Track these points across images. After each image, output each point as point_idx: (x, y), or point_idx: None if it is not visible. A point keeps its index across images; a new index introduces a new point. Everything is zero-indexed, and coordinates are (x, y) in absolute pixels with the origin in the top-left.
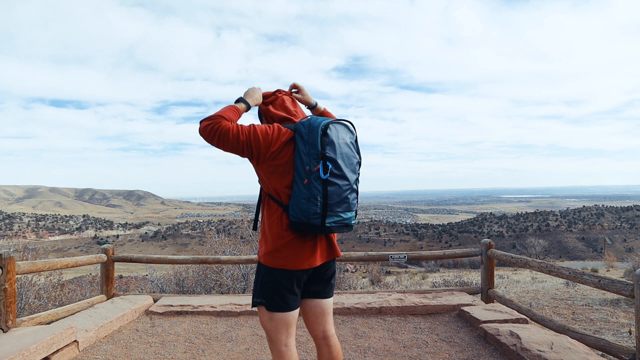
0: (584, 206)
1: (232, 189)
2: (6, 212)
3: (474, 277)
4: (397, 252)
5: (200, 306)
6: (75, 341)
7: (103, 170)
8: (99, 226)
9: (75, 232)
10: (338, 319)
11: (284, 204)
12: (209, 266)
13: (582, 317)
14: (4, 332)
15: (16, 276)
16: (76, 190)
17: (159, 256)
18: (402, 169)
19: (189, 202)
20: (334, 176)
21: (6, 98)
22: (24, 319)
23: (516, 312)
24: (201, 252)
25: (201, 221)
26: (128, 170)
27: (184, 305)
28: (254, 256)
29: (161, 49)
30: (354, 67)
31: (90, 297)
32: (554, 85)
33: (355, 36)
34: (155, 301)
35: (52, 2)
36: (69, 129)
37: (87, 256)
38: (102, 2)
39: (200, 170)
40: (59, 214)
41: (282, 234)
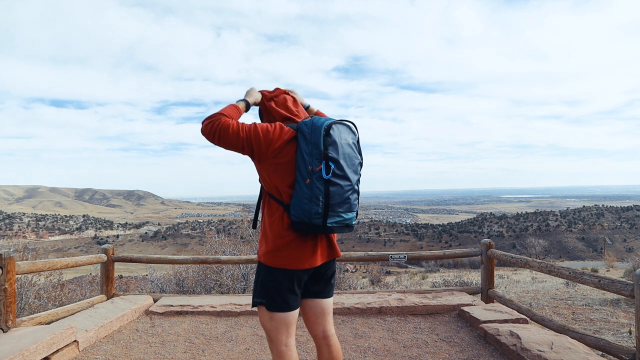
0: (584, 206)
1: (232, 189)
2: (6, 212)
3: (474, 277)
4: (397, 252)
5: (200, 306)
6: (75, 341)
7: (103, 170)
8: (99, 226)
9: (75, 232)
10: (338, 319)
11: (285, 203)
12: (209, 266)
13: (582, 317)
14: (4, 332)
15: (16, 276)
16: (76, 190)
17: (159, 256)
18: (402, 169)
19: (189, 202)
20: (336, 176)
21: (6, 98)
22: (24, 319)
23: (516, 312)
24: (201, 252)
25: (201, 221)
26: (128, 170)
27: (184, 305)
28: (254, 256)
29: (161, 49)
30: (354, 67)
31: (90, 297)
32: (554, 85)
33: (355, 36)
34: (155, 301)
35: (52, 2)
36: (69, 129)
37: (87, 256)
38: (102, 2)
39: (200, 170)
40: (59, 214)
41: (283, 233)
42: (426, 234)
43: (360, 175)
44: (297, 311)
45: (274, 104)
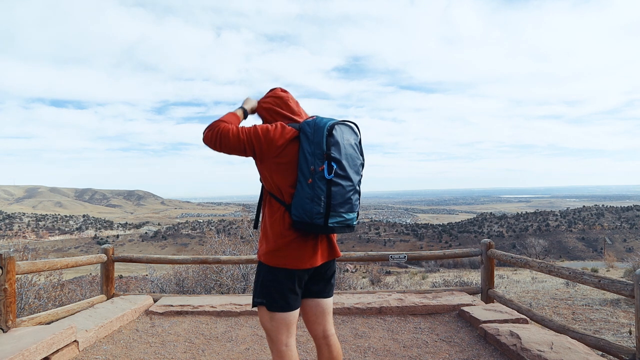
0: (584, 206)
1: (232, 189)
2: (6, 212)
3: (474, 277)
4: (397, 252)
5: (200, 306)
6: (75, 341)
7: (103, 170)
8: (99, 226)
9: (75, 232)
10: (338, 319)
11: (286, 203)
12: (209, 266)
13: (582, 317)
14: (4, 332)
15: (16, 276)
16: (76, 190)
17: (159, 256)
18: (402, 169)
19: (189, 202)
20: (338, 177)
21: (6, 98)
22: (24, 319)
23: (516, 312)
24: (201, 252)
25: (201, 221)
26: (128, 170)
27: (184, 305)
28: (254, 256)
29: (161, 49)
30: (354, 67)
31: (90, 297)
32: (554, 85)
33: (355, 36)
34: (155, 301)
35: (51, 2)
36: (69, 129)
37: (87, 256)
38: (102, 2)
39: (200, 170)
40: (59, 214)
41: (285, 233)
42: (426, 234)
43: (361, 176)
44: (297, 311)
45: (275, 106)
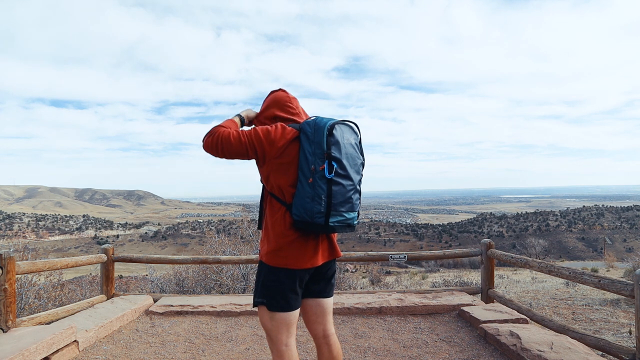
0: (584, 206)
1: (232, 189)
2: (6, 212)
3: (474, 277)
4: (397, 252)
5: (200, 306)
6: (75, 341)
7: (103, 170)
8: (99, 226)
9: (75, 232)
10: (338, 319)
11: (287, 202)
12: (209, 266)
13: (582, 317)
14: (4, 332)
15: (16, 276)
16: (76, 190)
17: (159, 256)
18: (402, 169)
19: (189, 202)
20: (338, 176)
21: (6, 98)
22: (24, 319)
23: (516, 312)
24: (201, 252)
25: (201, 221)
26: (128, 170)
27: (184, 305)
28: (254, 256)
29: (161, 49)
30: (354, 67)
31: (90, 297)
32: (554, 85)
33: (355, 36)
34: (155, 301)
35: (51, 2)
36: (69, 129)
37: (87, 256)
38: (102, 2)
39: (200, 170)
40: (59, 214)
41: (286, 232)
42: (426, 234)
43: (362, 175)
44: (297, 311)
45: (275, 109)
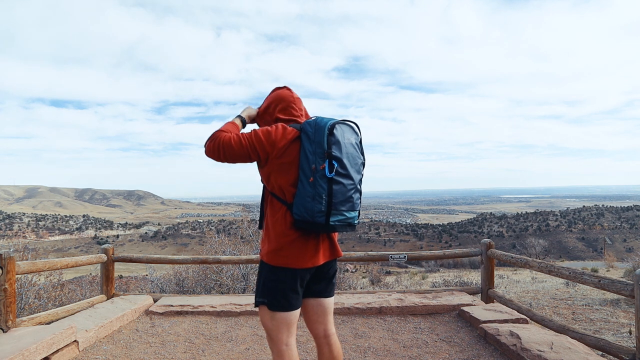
0: (584, 206)
1: (232, 189)
2: (6, 212)
3: (474, 277)
4: (397, 252)
5: (200, 306)
6: (75, 341)
7: (103, 170)
8: (99, 226)
9: (75, 232)
10: (338, 319)
11: (288, 202)
12: (209, 266)
13: (582, 317)
14: (4, 332)
15: (16, 276)
16: (76, 190)
17: (159, 256)
18: (402, 169)
19: (189, 202)
20: (339, 175)
21: (6, 98)
22: (24, 319)
23: (516, 312)
24: (201, 252)
25: (201, 221)
26: (128, 170)
27: (184, 305)
28: (254, 256)
29: (161, 49)
30: (354, 67)
31: (90, 297)
32: (554, 85)
33: (355, 36)
34: (155, 301)
35: (51, 2)
36: (69, 129)
37: (87, 256)
38: (102, 2)
39: (200, 170)
40: (59, 214)
41: (287, 232)
42: (426, 234)
43: (362, 175)
44: (298, 311)
45: (278, 112)
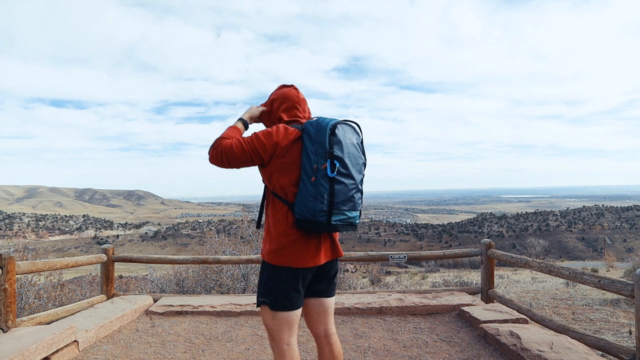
0: (584, 206)
1: (232, 189)
2: (6, 212)
3: (474, 277)
4: (397, 252)
5: (200, 306)
6: (75, 341)
7: (103, 170)
8: (99, 226)
9: (75, 232)
10: (338, 319)
11: (289, 202)
12: (209, 266)
13: (582, 317)
14: (4, 332)
15: (16, 276)
16: (76, 190)
17: (159, 256)
18: (402, 169)
19: (189, 202)
20: (341, 175)
21: (6, 98)
22: (24, 319)
23: (516, 312)
24: (201, 252)
25: (201, 221)
26: (128, 170)
27: (184, 305)
28: (254, 256)
29: (161, 49)
30: (354, 67)
31: (90, 297)
32: (554, 85)
33: (355, 36)
34: (155, 301)
35: (51, 2)
36: (69, 129)
37: (87, 256)
38: (102, 2)
39: (200, 170)
40: (59, 214)
41: (288, 231)
42: (426, 234)
43: (363, 175)
44: (300, 310)
45: (281, 113)
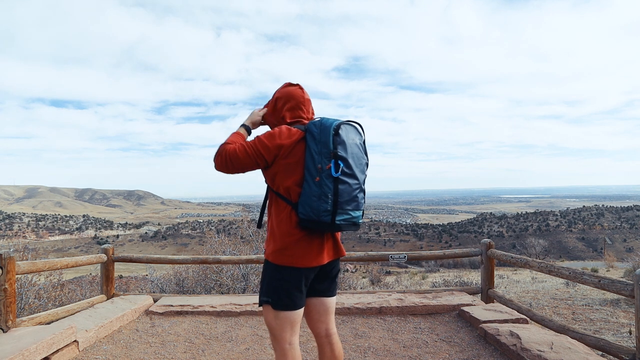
0: (584, 206)
1: (232, 189)
2: (6, 212)
3: (474, 277)
4: (397, 252)
5: (200, 306)
6: (75, 341)
7: (103, 170)
8: (99, 226)
9: (75, 232)
10: (338, 319)
11: (293, 201)
12: (209, 266)
13: (582, 317)
14: (4, 332)
15: (16, 276)
16: (76, 190)
17: (159, 256)
18: (402, 169)
19: (189, 202)
20: (345, 175)
21: (6, 98)
22: (24, 319)
23: (516, 312)
24: (201, 252)
25: (201, 221)
26: (128, 170)
27: (184, 305)
28: (254, 256)
29: (161, 49)
30: (354, 67)
31: (90, 297)
32: (554, 85)
33: (355, 36)
34: (155, 301)
35: (51, 2)
36: (69, 129)
37: (87, 256)
38: (102, 2)
39: (200, 170)
40: (59, 214)
41: (292, 231)
42: (426, 234)
43: (366, 175)
44: (302, 310)
45: (285, 112)
